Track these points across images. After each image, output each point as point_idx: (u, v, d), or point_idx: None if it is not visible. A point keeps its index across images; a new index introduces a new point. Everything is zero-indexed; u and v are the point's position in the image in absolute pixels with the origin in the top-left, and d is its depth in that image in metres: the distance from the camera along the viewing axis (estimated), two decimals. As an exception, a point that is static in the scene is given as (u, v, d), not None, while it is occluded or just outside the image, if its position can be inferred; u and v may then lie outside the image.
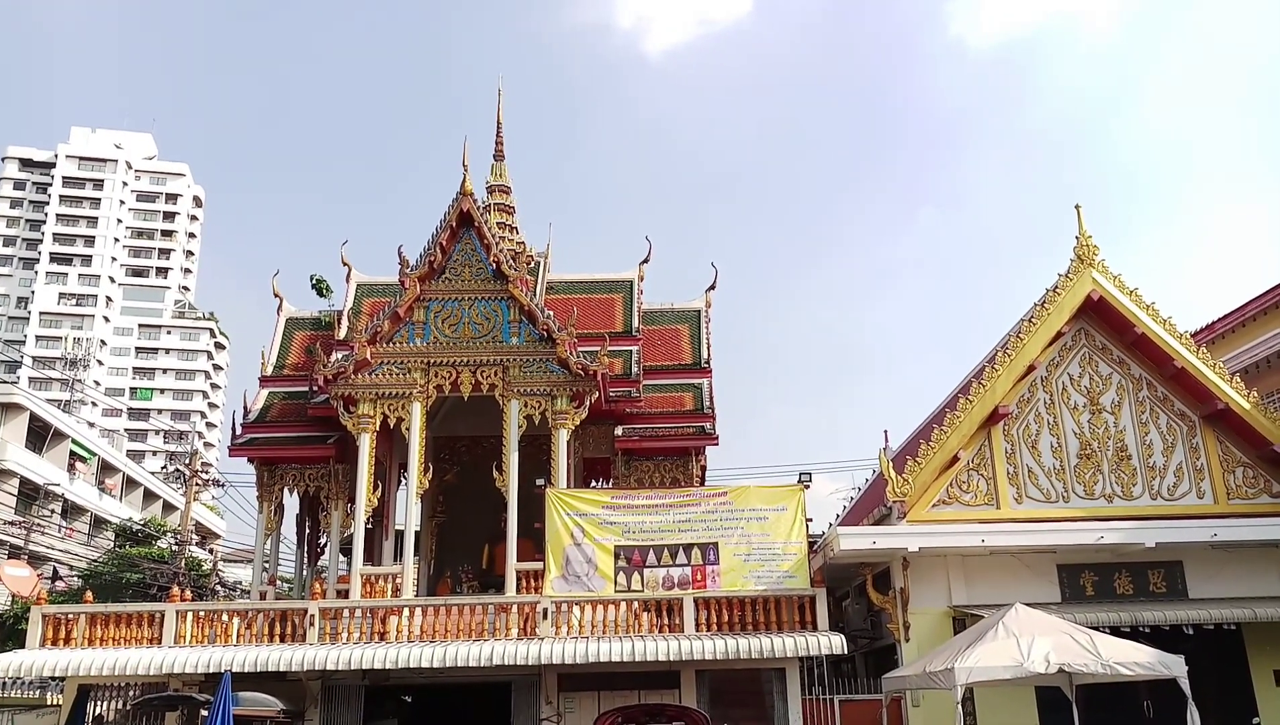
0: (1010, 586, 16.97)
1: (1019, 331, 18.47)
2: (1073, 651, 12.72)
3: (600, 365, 18.42)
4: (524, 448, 18.66)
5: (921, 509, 17.53)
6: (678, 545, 16.89)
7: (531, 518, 18.21)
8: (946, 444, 17.60)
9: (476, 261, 19.11)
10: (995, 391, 17.87)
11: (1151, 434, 18.50)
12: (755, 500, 17.21)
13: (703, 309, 24.03)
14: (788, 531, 16.96)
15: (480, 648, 15.63)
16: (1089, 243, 18.69)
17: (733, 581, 16.66)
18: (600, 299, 23.19)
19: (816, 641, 15.88)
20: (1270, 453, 18.14)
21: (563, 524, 16.94)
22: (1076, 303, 18.42)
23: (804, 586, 16.60)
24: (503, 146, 25.02)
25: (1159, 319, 18.41)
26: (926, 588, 17.29)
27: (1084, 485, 18.07)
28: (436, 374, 18.51)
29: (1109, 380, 18.77)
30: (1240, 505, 18.08)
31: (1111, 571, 17.65)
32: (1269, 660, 17.57)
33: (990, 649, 12.84)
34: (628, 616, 16.42)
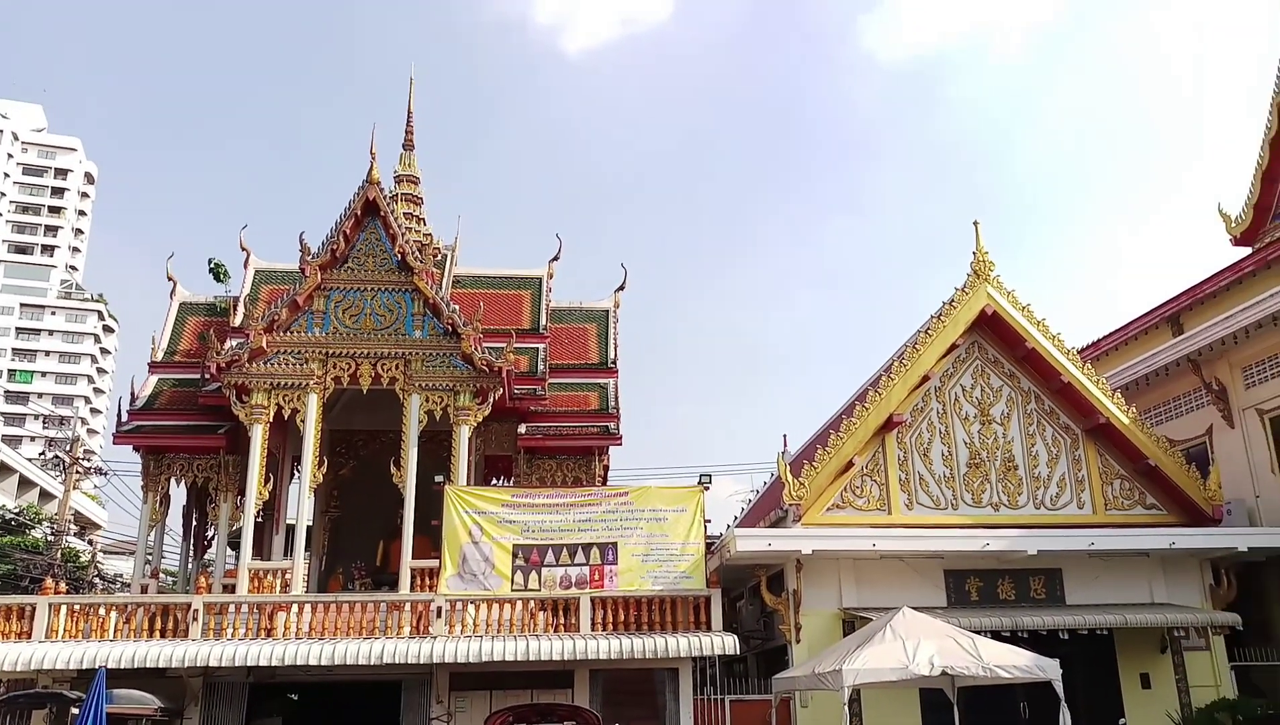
0: (899, 590, 17.42)
1: (916, 342, 18.98)
2: (956, 654, 13.10)
3: (505, 362, 18.26)
4: (424, 443, 18.39)
5: (816, 513, 17.87)
6: (577, 545, 16.85)
7: (429, 515, 17.95)
8: (842, 450, 17.97)
9: (381, 252, 18.75)
10: (890, 400, 18.32)
11: (1038, 445, 19.21)
12: (655, 501, 17.28)
13: (611, 309, 24.04)
14: (686, 532, 17.07)
15: (371, 646, 15.34)
16: (985, 259, 19.30)
17: (630, 581, 16.70)
18: (508, 295, 23.00)
19: (710, 642, 16.03)
20: (1146, 466, 19.01)
21: (461, 522, 16.75)
22: (971, 316, 19.01)
23: (700, 587, 16.74)
24: (413, 136, 24.62)
25: (1049, 335, 19.12)
26: (818, 590, 17.63)
27: (972, 493, 18.65)
28: (335, 365, 18.09)
29: (999, 392, 19.41)
30: (1116, 516, 18.91)
31: (995, 577, 18.27)
32: (1136, 664, 18.42)
33: (877, 651, 13.13)
34: (524, 615, 16.32)
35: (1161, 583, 18.73)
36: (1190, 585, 18.85)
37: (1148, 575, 18.72)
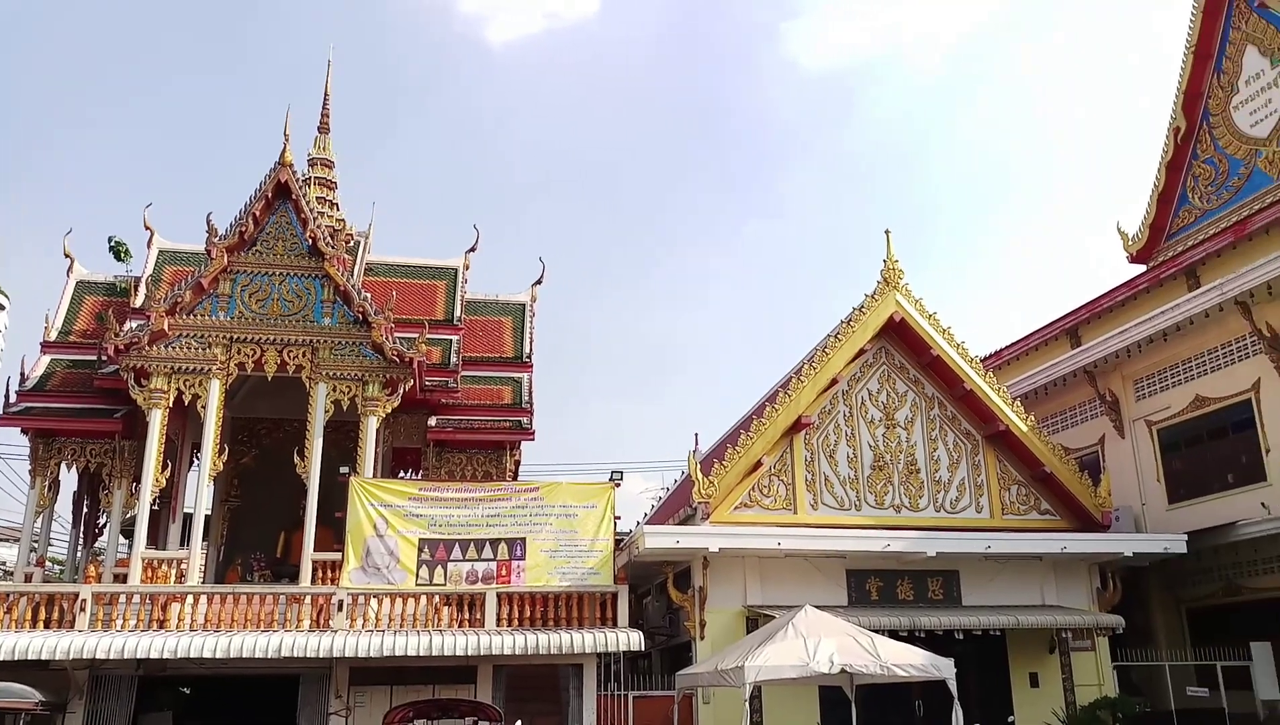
0: (802, 589, 17.71)
1: (825, 346, 19.31)
2: (855, 653, 13.35)
3: (417, 353, 18.01)
4: (329, 433, 18.03)
5: (724, 511, 18.06)
6: (485, 540, 16.71)
7: (333, 506, 17.62)
8: (751, 449, 18.20)
9: (291, 236, 18.30)
10: (799, 402, 18.61)
11: (939, 450, 19.72)
12: (566, 497, 17.24)
13: (528, 303, 23.88)
14: (596, 528, 17.07)
15: (268, 639, 14.98)
16: (895, 267, 19.73)
17: (538, 577, 16.64)
18: (422, 285, 22.68)
19: (616, 638, 16.07)
20: (1041, 473, 19.68)
21: (366, 514, 16.47)
22: (880, 322, 19.42)
23: (607, 583, 16.77)
24: (329, 119, 24.10)
25: (953, 343, 19.64)
26: (724, 587, 17.82)
27: (875, 495, 19.06)
28: (239, 351, 17.60)
29: (904, 397, 19.88)
30: (1012, 520, 19.54)
31: (895, 578, 18.71)
32: (1026, 664, 19.07)
33: (779, 649, 13.31)
34: (428, 610, 16.13)
35: (1052, 585, 19.42)
36: (1079, 588, 19.59)
37: (1040, 578, 19.39)
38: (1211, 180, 23.86)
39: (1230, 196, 23.22)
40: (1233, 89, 23.42)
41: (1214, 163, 23.83)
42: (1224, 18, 23.60)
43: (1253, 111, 22.84)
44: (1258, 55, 22.83)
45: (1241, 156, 23.03)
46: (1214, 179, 23.79)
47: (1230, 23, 23.52)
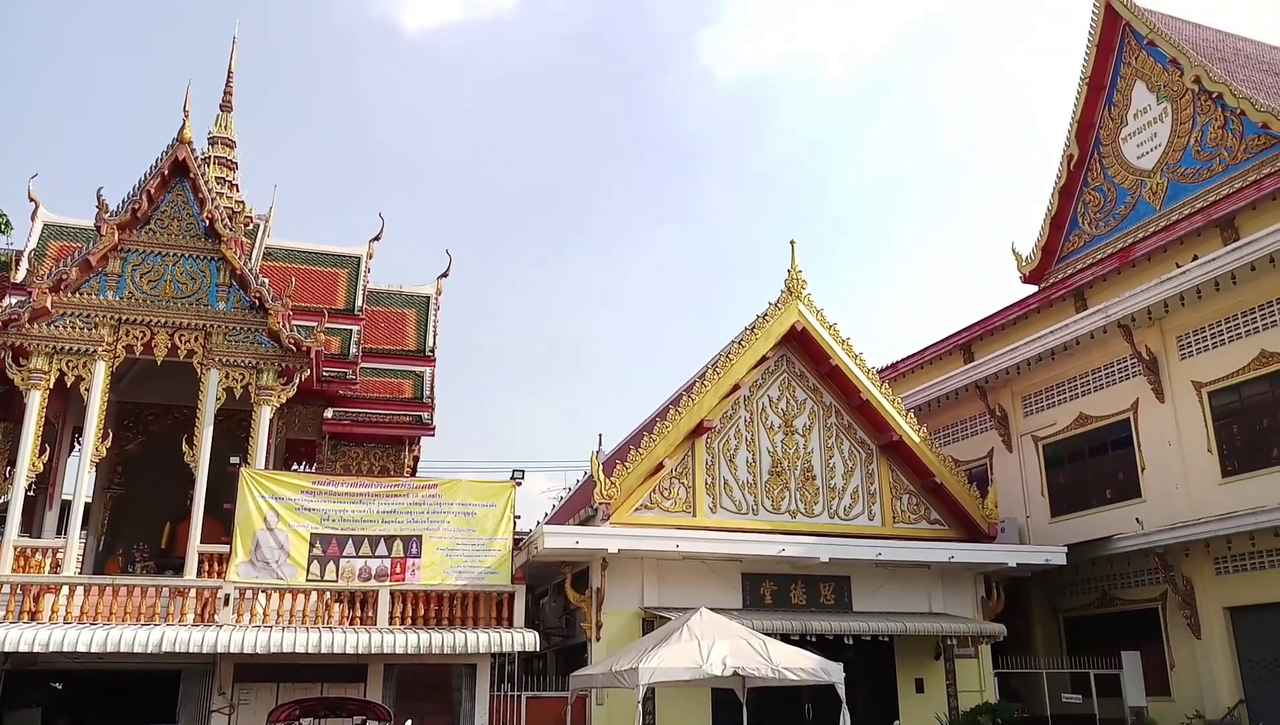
0: (698, 591, 17.88)
1: (729, 352, 19.53)
2: (748, 656, 13.50)
3: (315, 342, 17.55)
4: (220, 422, 17.43)
5: (625, 512, 18.09)
6: (379, 536, 16.38)
7: (222, 497, 17.04)
8: (654, 452, 18.28)
9: (188, 215, 17.63)
10: (702, 406, 18.77)
11: (835, 458, 20.12)
12: (465, 495, 17.02)
13: (433, 296, 23.54)
14: (495, 527, 16.89)
15: (149, 633, 14.38)
16: (799, 277, 20.07)
17: (433, 575, 16.39)
18: (324, 272, 22.14)
19: (511, 638, 15.93)
20: (932, 483, 20.25)
21: (256, 506, 15.97)
22: (782, 331, 19.73)
23: (505, 583, 16.62)
24: (232, 97, 23.36)
25: (851, 353, 20.07)
26: (621, 589, 17.86)
27: (772, 500, 19.35)
28: (128, 333, 16.88)
29: (803, 405, 20.22)
30: (903, 529, 20.05)
31: (789, 582, 19.02)
32: (912, 670, 19.60)
33: (674, 651, 13.37)
34: (318, 607, 15.74)
35: (939, 593, 20.00)
36: (964, 597, 20.22)
37: (927, 586, 19.95)
38: (1100, 207, 24.93)
39: (1117, 223, 24.31)
40: (1122, 121, 24.52)
41: (1103, 190, 24.90)
42: (1116, 53, 24.71)
43: (1140, 144, 23.96)
44: (1146, 91, 23.96)
45: (1128, 186, 24.12)
46: (1103, 206, 24.86)
47: (1122, 58, 24.63)
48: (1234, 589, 18.86)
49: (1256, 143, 20.92)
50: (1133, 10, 23.87)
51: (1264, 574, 18.27)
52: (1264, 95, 21.30)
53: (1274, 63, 24.80)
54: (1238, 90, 21.14)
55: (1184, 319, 19.98)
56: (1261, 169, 20.43)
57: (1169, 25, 23.91)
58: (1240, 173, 21.07)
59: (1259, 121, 20.50)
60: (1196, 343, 19.89)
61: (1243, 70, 23.15)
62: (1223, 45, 24.69)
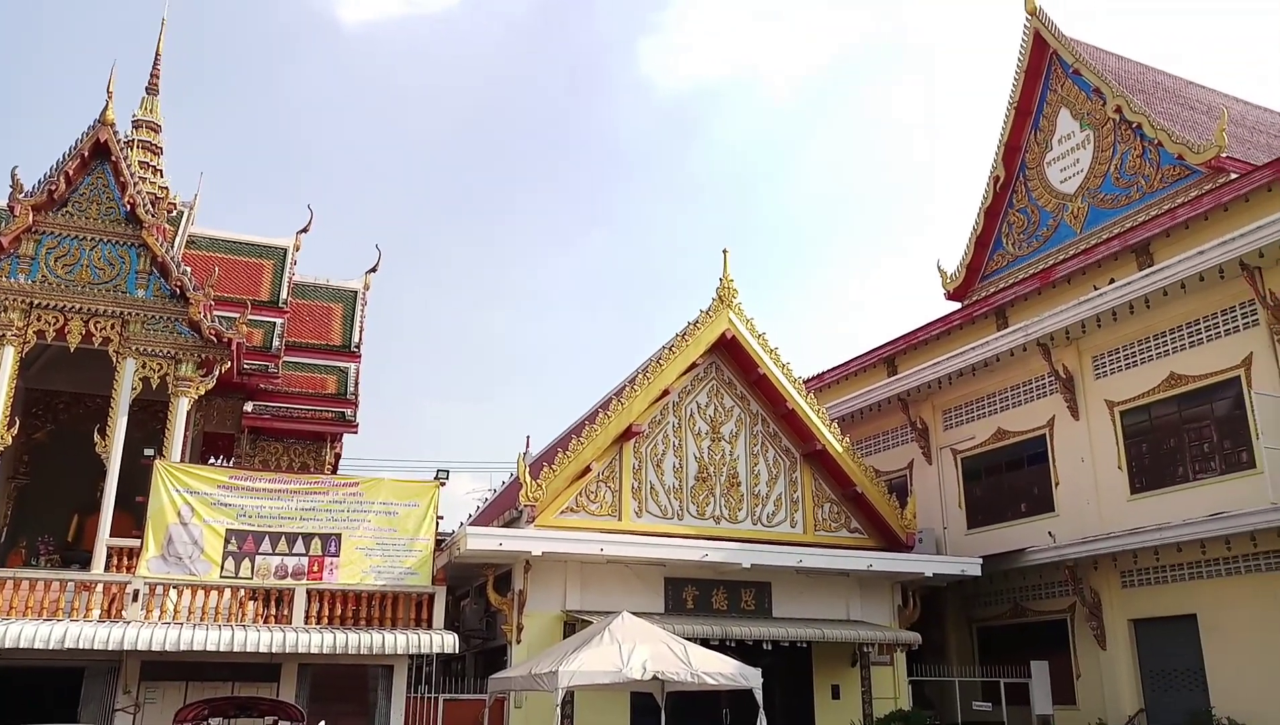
0: (621, 595, 17.89)
1: (660, 358, 19.60)
2: (668, 660, 13.54)
3: (237, 334, 17.15)
4: (135, 413, 16.92)
5: (550, 515, 18.02)
6: (297, 534, 16.06)
7: (134, 490, 16.54)
8: (581, 454, 18.25)
9: (108, 199, 17.09)
10: (631, 410, 18.81)
11: (760, 465, 20.32)
12: (387, 494, 16.79)
13: (360, 291, 23.22)
14: (417, 527, 16.70)
15: (51, 629, 13.86)
16: (730, 286, 20.24)
17: (352, 574, 16.12)
18: (248, 263, 21.67)
19: (429, 640, 15.75)
20: (853, 492, 20.57)
21: (170, 500, 15.54)
22: (712, 338, 19.86)
23: (425, 584, 16.43)
24: (158, 80, 22.75)
25: (779, 363, 20.30)
26: (544, 591, 17.78)
27: (697, 506, 19.46)
28: (40, 317, 16.29)
29: (731, 412, 20.38)
30: (824, 537, 20.32)
31: (711, 587, 19.13)
32: (829, 676, 19.85)
33: (594, 654, 13.35)
34: (232, 604, 15.38)
35: (857, 601, 20.30)
36: (881, 605, 20.56)
37: (846, 594, 20.24)
38: (1024, 228, 25.61)
39: (1039, 245, 24.99)
40: (1047, 146, 25.23)
41: (1027, 212, 25.58)
42: (1043, 80, 25.42)
43: (1063, 168, 24.67)
44: (1070, 117, 24.69)
45: (1051, 209, 24.82)
46: (1026, 227, 25.53)
47: (1049, 85, 25.35)
48: (1138, 602, 19.50)
49: (1172, 173, 21.69)
50: (1060, 40, 24.58)
51: (1166, 588, 18.93)
52: (1180, 128, 22.11)
53: (1190, 97, 25.75)
54: (1156, 122, 21.91)
55: (1100, 340, 20.62)
56: (1175, 198, 21.20)
57: (1094, 56, 24.68)
58: (1156, 201, 21.83)
59: (1175, 153, 21.27)
60: (1111, 363, 20.54)
61: (1161, 103, 24.01)
62: (1143, 78, 25.57)
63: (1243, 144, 22.27)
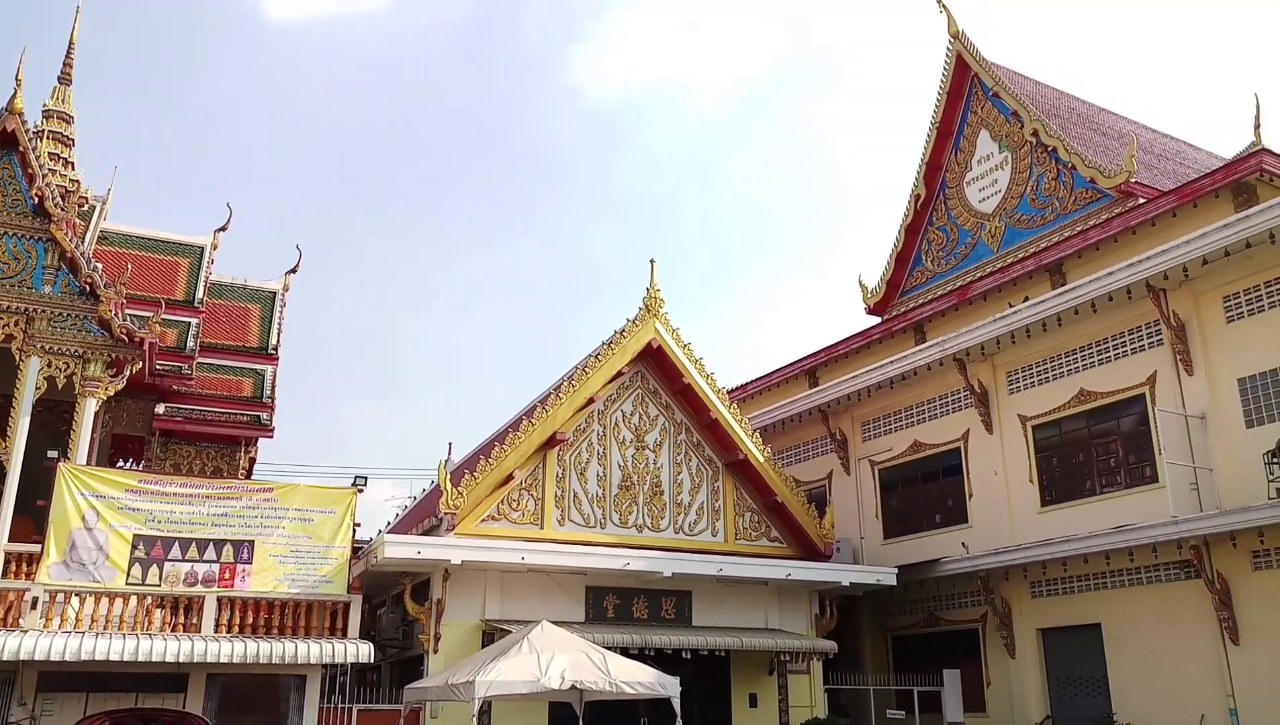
0: (542, 604, 17.79)
1: (586, 366, 19.59)
2: (586, 669, 13.51)
3: (150, 333, 16.65)
4: (39, 413, 16.30)
5: (471, 523, 17.85)
6: (209, 540, 15.64)
7: (36, 494, 15.88)
8: (504, 462, 18.13)
9: (15, 191, 16.46)
10: (556, 418, 18.75)
11: (683, 474, 20.42)
12: (303, 500, 16.46)
13: (280, 291, 22.75)
14: (333, 535, 16.40)
15: (-59, 638, 13.29)
16: (657, 296, 20.32)
17: (265, 582, 15.76)
18: (163, 261, 21.06)
19: (344, 649, 15.46)
20: (773, 502, 20.79)
21: (74, 504, 15.00)
22: (639, 347, 19.92)
23: (340, 592, 16.13)
24: (71, 70, 22.00)
25: (704, 373, 20.44)
26: (463, 600, 17.60)
27: (620, 514, 19.46)
28: (-63, 313, 15.62)
29: (655, 421, 20.45)
30: (744, 546, 20.50)
31: (632, 596, 19.15)
32: (747, 684, 20.01)
33: (512, 664, 13.26)
34: (138, 612, 14.89)
35: (776, 610, 20.51)
36: (799, 613, 20.81)
37: (765, 602, 20.44)
38: (943, 246, 26.22)
39: (957, 262, 25.60)
40: (967, 166, 25.89)
41: (946, 231, 26.20)
42: (965, 102, 26.08)
43: (982, 189, 25.34)
44: (989, 139, 25.37)
45: (970, 228, 25.46)
46: (945, 245, 26.15)
47: (970, 107, 26.02)
48: (1046, 612, 20.07)
49: (1084, 195, 22.44)
50: (981, 63, 25.25)
51: (1073, 598, 19.51)
52: (1093, 152, 22.88)
53: (1103, 123, 26.67)
54: (1070, 146, 22.63)
55: (1013, 356, 21.20)
56: (1088, 220, 21.92)
57: (1013, 80, 25.42)
58: (1069, 222, 22.54)
59: (1087, 176, 22.00)
60: (1024, 379, 21.13)
61: (1076, 127, 24.82)
62: (1059, 103, 26.41)
63: (1151, 170, 23.13)
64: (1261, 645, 16.22)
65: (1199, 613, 17.16)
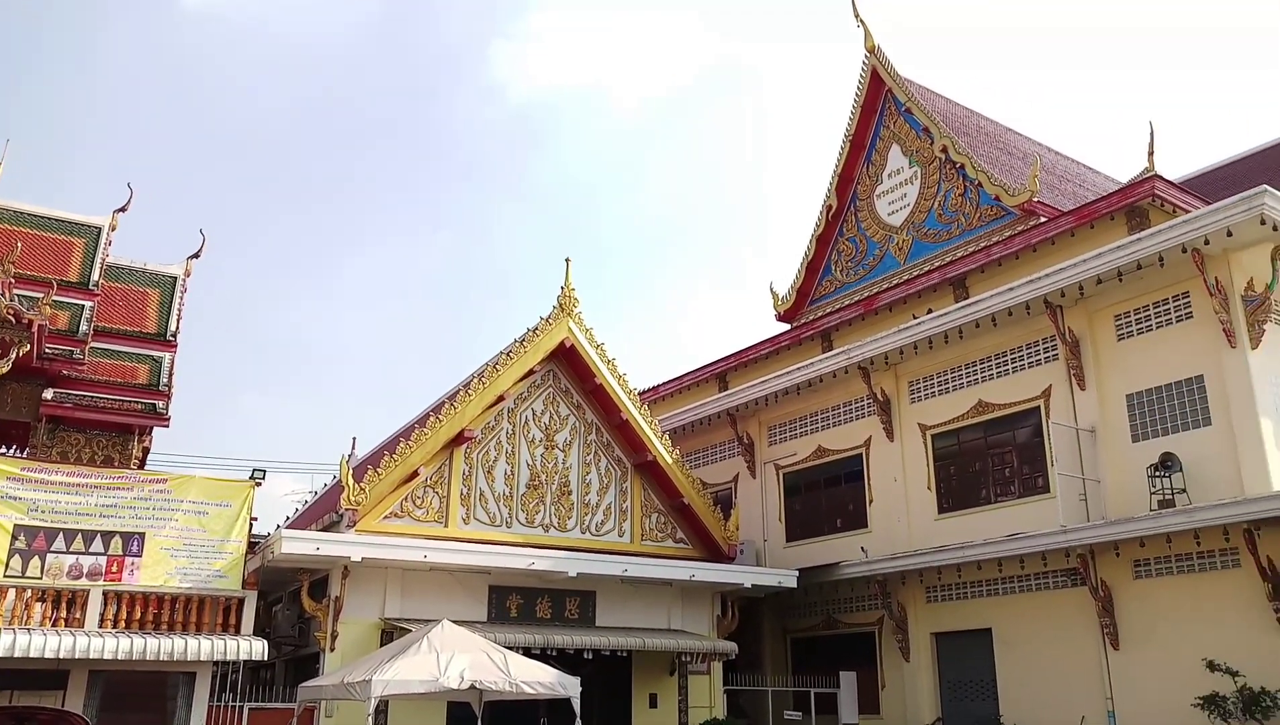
0: (443, 603, 17.60)
1: (497, 363, 19.44)
2: (486, 669, 13.39)
3: (39, 315, 15.96)
4: (-85, 394, 15.53)
5: (373, 520, 17.55)
6: (96, 532, 15.06)
7: (-92, 479, 15.13)
8: (410, 458, 17.87)
9: (-106, 162, 15.66)
10: (465, 415, 18.55)
11: (592, 474, 20.42)
12: (198, 492, 15.97)
13: (181, 276, 22.01)
14: (228, 529, 15.96)
15: None
16: (572, 295, 20.28)
17: (155, 576, 15.24)
18: (57, 241, 20.19)
19: (236, 646, 15.05)
20: (680, 503, 20.93)
21: (-50, 491, 14.29)
22: (551, 346, 19.85)
23: (235, 588, 15.71)
24: (-38, 36, 20.96)
25: (616, 373, 20.47)
26: (362, 598, 17.29)
27: (527, 513, 19.36)
28: None
29: (566, 421, 20.41)
30: (650, 546, 20.60)
31: (536, 596, 19.06)
32: (648, 685, 20.11)
33: (411, 663, 13.07)
34: (16, 605, 14.23)
35: (679, 611, 20.65)
36: (702, 614, 20.98)
37: (668, 603, 20.56)
38: (853, 257, 26.74)
39: (865, 273, 26.14)
40: (878, 179, 26.45)
41: (856, 242, 26.73)
42: (878, 116, 26.64)
43: (891, 202, 25.91)
44: (900, 153, 25.97)
45: (878, 240, 26.01)
46: (854, 256, 26.67)
47: (882, 121, 26.59)
48: (940, 616, 20.62)
49: (989, 212, 23.12)
50: (895, 79, 25.83)
51: (966, 604, 20.10)
52: (999, 171, 23.60)
53: (1009, 143, 27.53)
54: (978, 164, 23.31)
55: (916, 366, 21.74)
56: (991, 237, 22.60)
57: (925, 97, 26.06)
58: (974, 238, 23.21)
59: (992, 194, 22.68)
60: (925, 389, 21.69)
61: (983, 146, 25.56)
62: (968, 121, 27.17)
63: (1052, 190, 23.96)
64: (1139, 650, 16.94)
65: (1083, 619, 17.84)
